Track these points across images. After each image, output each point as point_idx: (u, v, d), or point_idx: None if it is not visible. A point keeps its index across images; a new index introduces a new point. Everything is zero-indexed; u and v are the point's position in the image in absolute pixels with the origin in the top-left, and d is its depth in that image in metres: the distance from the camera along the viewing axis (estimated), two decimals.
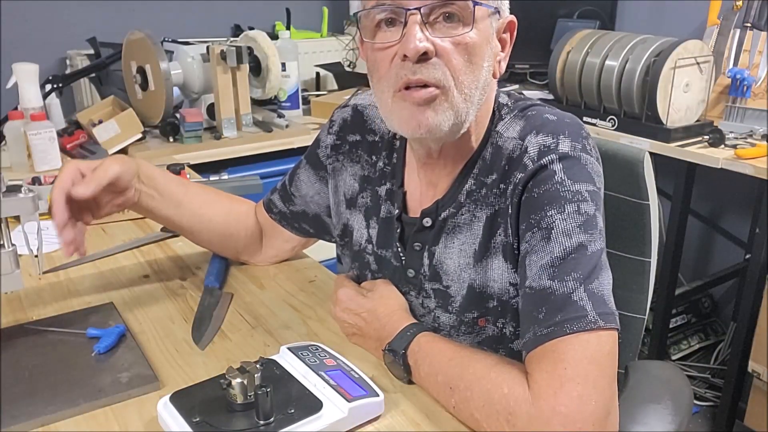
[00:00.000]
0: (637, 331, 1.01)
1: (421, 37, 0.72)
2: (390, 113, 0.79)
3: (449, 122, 0.76)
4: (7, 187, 0.85)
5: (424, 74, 0.73)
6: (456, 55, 0.74)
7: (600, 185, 0.78)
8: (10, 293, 1.00)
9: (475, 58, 0.75)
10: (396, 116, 0.78)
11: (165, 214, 1.02)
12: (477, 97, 0.77)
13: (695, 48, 1.85)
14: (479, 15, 0.74)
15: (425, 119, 0.75)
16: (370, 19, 0.76)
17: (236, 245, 1.10)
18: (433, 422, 0.74)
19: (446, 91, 0.75)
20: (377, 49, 0.77)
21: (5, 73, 1.94)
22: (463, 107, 0.76)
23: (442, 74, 0.74)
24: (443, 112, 0.75)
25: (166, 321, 0.95)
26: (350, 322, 0.89)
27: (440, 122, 0.75)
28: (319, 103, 2.26)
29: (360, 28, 0.79)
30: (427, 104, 0.75)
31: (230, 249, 1.11)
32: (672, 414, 0.86)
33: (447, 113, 0.75)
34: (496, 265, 0.82)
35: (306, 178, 1.03)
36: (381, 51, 0.76)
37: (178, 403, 0.71)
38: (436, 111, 0.75)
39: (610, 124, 1.99)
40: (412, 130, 0.77)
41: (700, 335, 2.38)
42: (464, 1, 0.73)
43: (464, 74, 0.75)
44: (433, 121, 0.75)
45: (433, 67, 0.73)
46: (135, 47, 1.96)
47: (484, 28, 0.75)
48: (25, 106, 1.77)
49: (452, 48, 0.74)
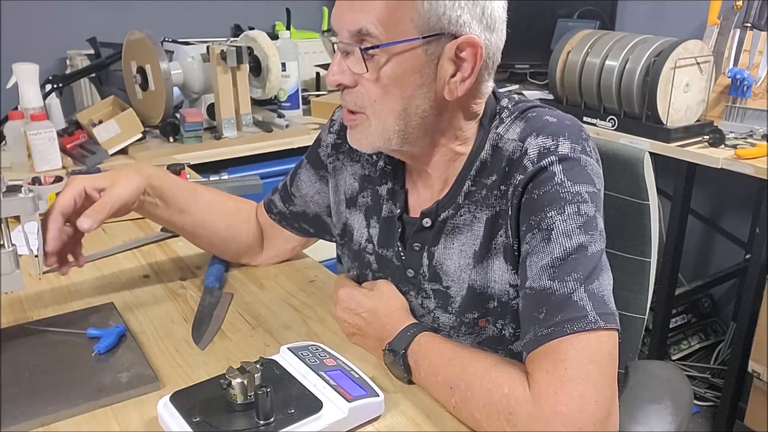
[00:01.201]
0: (637, 331, 1.01)
1: (335, 70, 0.79)
2: None
3: (369, 143, 0.83)
4: (7, 187, 0.85)
5: (346, 100, 0.82)
6: (372, 87, 0.79)
7: (600, 186, 0.78)
8: (10, 293, 1.00)
9: (390, 89, 0.78)
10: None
11: (168, 220, 1.04)
12: (400, 124, 0.80)
13: (695, 48, 1.85)
14: (394, 51, 0.76)
15: (351, 138, 0.85)
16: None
17: (237, 248, 1.10)
18: (433, 422, 0.74)
19: (366, 117, 0.81)
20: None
21: (5, 73, 1.94)
22: (380, 133, 0.81)
23: (359, 101, 0.80)
24: (363, 135, 0.83)
25: (166, 321, 0.95)
26: (350, 322, 0.89)
27: (362, 144, 0.84)
28: (319, 103, 2.26)
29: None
30: (352, 128, 0.84)
31: (231, 252, 1.11)
32: (672, 414, 0.86)
33: (367, 138, 0.82)
34: (497, 266, 0.82)
35: (307, 177, 1.04)
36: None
37: (178, 403, 0.71)
38: (360, 134, 0.83)
39: (610, 124, 1.99)
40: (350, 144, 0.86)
41: (700, 335, 2.38)
42: (351, 46, 0.77)
43: (379, 104, 0.79)
44: (357, 143, 0.84)
45: (350, 95, 0.81)
46: (135, 47, 1.96)
47: (403, 61, 0.76)
48: (25, 106, 1.77)
49: (367, 80, 0.78)
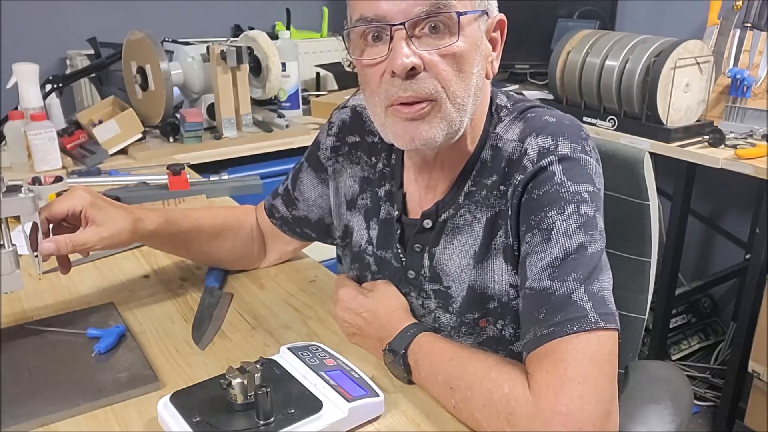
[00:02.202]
0: (637, 331, 1.01)
1: (407, 52, 0.72)
2: (384, 127, 0.80)
3: (443, 133, 0.76)
4: (7, 187, 0.85)
5: (414, 89, 0.74)
6: (445, 66, 0.74)
7: (600, 186, 0.78)
8: (10, 293, 1.00)
9: (464, 66, 0.75)
10: (390, 130, 0.79)
11: (170, 252, 1.08)
12: (470, 103, 0.77)
13: (695, 48, 1.85)
14: (465, 22, 0.74)
15: (419, 134, 0.76)
16: (357, 34, 0.77)
17: (244, 262, 1.11)
18: (433, 422, 0.74)
19: (438, 103, 0.75)
20: (366, 65, 0.77)
21: (5, 73, 1.94)
22: (456, 117, 0.76)
23: (432, 87, 0.74)
24: (437, 124, 0.76)
25: (166, 321, 0.95)
26: (351, 322, 0.89)
27: (434, 135, 0.76)
28: (319, 103, 2.26)
29: (348, 44, 0.79)
30: (421, 119, 0.75)
31: (239, 266, 1.12)
32: (672, 414, 0.86)
33: (440, 125, 0.76)
34: (497, 266, 0.82)
35: (309, 181, 1.03)
36: (370, 67, 0.76)
37: (178, 403, 0.71)
38: (430, 124, 0.76)
39: (610, 124, 1.99)
40: (407, 143, 0.78)
41: (700, 335, 2.38)
42: (447, 12, 0.72)
43: (455, 84, 0.75)
44: (427, 135, 0.76)
45: (423, 81, 0.73)
46: (135, 47, 1.96)
47: (471, 34, 0.75)
48: (25, 106, 1.77)
49: (440, 59, 0.74)
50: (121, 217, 0.92)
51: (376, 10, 0.73)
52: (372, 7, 0.73)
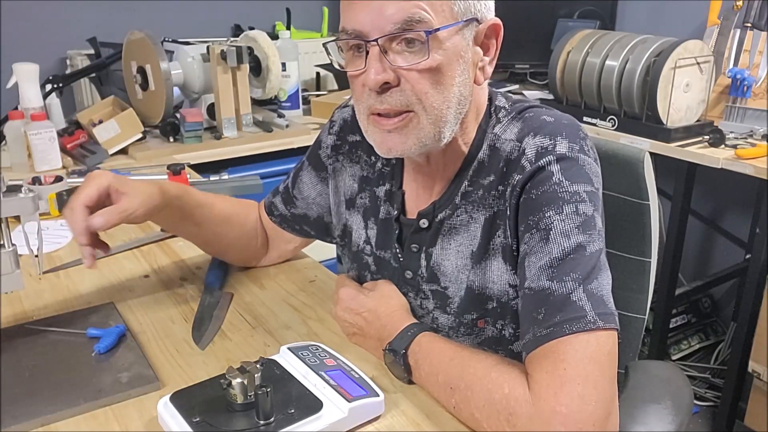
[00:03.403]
0: (637, 331, 1.01)
1: (379, 68, 0.73)
2: (366, 133, 0.82)
3: (418, 144, 0.78)
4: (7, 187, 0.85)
5: (390, 102, 0.76)
6: (421, 80, 0.75)
7: (598, 186, 0.78)
8: (10, 293, 1.00)
9: (442, 78, 0.75)
10: (371, 138, 0.82)
11: (182, 231, 1.05)
12: (452, 113, 0.78)
13: (695, 48, 1.85)
14: (444, 36, 0.74)
15: (394, 145, 0.78)
16: (344, 44, 0.78)
17: (247, 255, 1.11)
18: (434, 422, 0.74)
19: (417, 114, 0.76)
20: (350, 75, 0.79)
21: (5, 73, 1.94)
22: (431, 129, 0.77)
23: (407, 100, 0.75)
24: (413, 136, 0.77)
25: (166, 321, 0.95)
26: (351, 322, 0.89)
27: (409, 147, 0.78)
28: (319, 103, 2.26)
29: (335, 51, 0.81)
30: (397, 131, 0.77)
31: (241, 258, 1.11)
32: (672, 414, 0.86)
33: (415, 138, 0.77)
34: (496, 266, 0.82)
35: (308, 179, 1.03)
36: (354, 77, 0.79)
37: (178, 403, 0.71)
38: (406, 136, 0.77)
39: (610, 124, 1.99)
40: (385, 153, 0.81)
41: (700, 335, 2.38)
42: (417, 32, 0.73)
43: (432, 96, 0.76)
44: (402, 147, 0.78)
45: (398, 94, 0.75)
46: (135, 47, 1.96)
47: (451, 46, 0.75)
48: (25, 106, 1.77)
49: (416, 73, 0.75)
50: (145, 184, 0.93)
51: (354, 24, 0.74)
52: (351, 21, 0.75)
